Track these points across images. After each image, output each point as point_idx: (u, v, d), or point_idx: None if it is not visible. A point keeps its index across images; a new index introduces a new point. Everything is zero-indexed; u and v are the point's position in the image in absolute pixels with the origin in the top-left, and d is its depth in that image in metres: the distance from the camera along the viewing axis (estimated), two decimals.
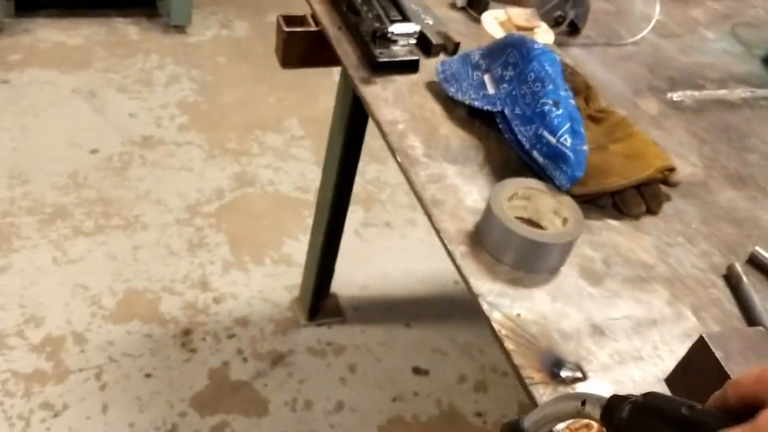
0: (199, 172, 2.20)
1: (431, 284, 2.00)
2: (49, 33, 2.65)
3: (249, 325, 1.77)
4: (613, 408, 0.48)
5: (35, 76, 2.43)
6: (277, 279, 1.91)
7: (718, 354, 0.58)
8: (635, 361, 0.72)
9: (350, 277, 1.94)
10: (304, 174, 2.27)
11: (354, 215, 2.12)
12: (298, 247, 1.98)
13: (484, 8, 1.22)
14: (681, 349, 0.70)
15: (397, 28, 1.06)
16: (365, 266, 2.00)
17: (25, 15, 2.68)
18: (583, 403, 0.51)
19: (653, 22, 1.30)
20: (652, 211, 0.88)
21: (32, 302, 1.71)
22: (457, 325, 1.89)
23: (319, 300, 1.82)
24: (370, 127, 1.23)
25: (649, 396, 0.47)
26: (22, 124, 2.23)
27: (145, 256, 1.88)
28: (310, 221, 1.74)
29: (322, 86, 2.66)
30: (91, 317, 1.70)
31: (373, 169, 2.31)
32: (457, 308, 1.94)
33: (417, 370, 1.76)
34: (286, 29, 1.23)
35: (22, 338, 1.63)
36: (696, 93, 1.15)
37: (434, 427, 1.66)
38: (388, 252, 2.07)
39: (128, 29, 2.78)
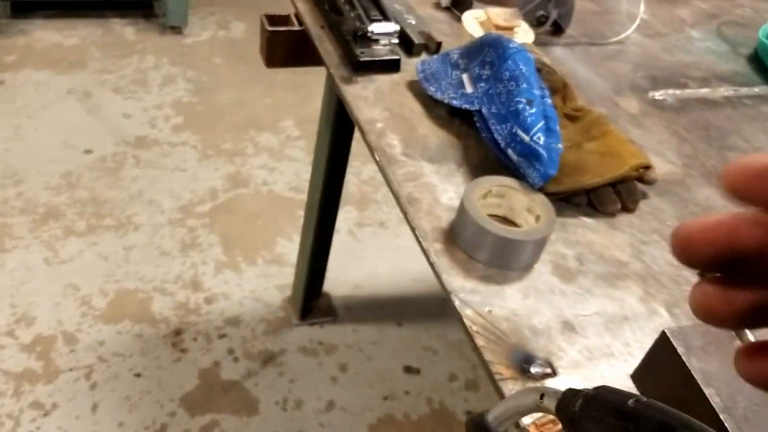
0: (193, 172, 2.21)
1: (424, 283, 2.00)
2: (45, 34, 2.66)
3: (240, 325, 1.78)
4: (567, 401, 0.49)
5: (30, 77, 2.44)
6: (269, 279, 1.92)
7: (680, 349, 0.58)
8: (606, 358, 0.72)
9: (343, 277, 1.94)
10: (299, 174, 2.27)
11: (348, 215, 2.13)
12: (292, 247, 1.99)
13: (467, 8, 1.23)
14: None
15: (377, 28, 1.07)
16: (358, 266, 2.01)
17: (22, 16, 2.69)
18: (542, 396, 0.52)
19: (638, 22, 1.30)
20: (627, 208, 0.89)
21: (23, 302, 1.72)
22: (448, 324, 1.89)
23: (310, 299, 1.83)
24: None
25: (600, 389, 0.48)
26: (17, 124, 2.24)
27: (137, 257, 1.89)
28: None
29: (319, 87, 2.65)
30: (82, 317, 1.71)
31: (369, 169, 2.31)
32: (449, 307, 1.94)
33: (408, 369, 1.77)
34: (269, 28, 1.23)
35: (12, 338, 1.64)
36: (678, 92, 1.15)
37: (425, 425, 1.66)
38: (382, 252, 2.07)
39: (124, 30, 2.79)
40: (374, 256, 2.05)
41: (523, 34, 1.11)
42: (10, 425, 1.47)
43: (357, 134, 1.54)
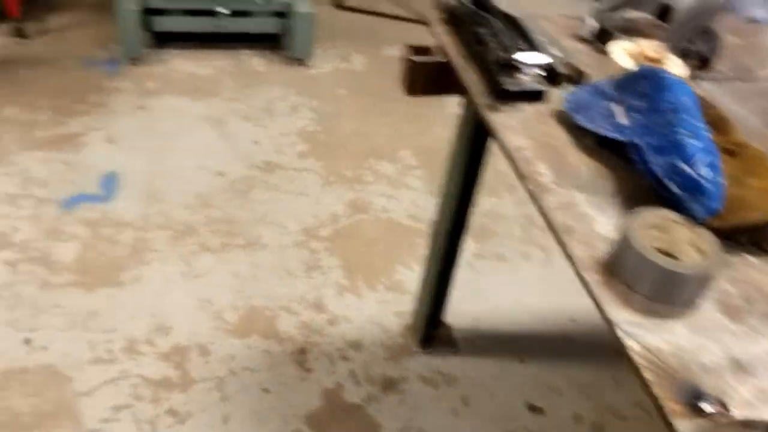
0: (316, 197, 2.28)
1: (545, 321, 1.97)
2: (183, 63, 2.84)
3: (362, 349, 1.80)
4: None
5: (169, 103, 2.61)
6: (388, 305, 1.94)
7: None
8: None
9: (462, 309, 1.94)
10: (417, 203, 2.30)
11: (467, 247, 2.13)
12: (410, 275, 2.01)
13: (610, 39, 1.22)
14: None
15: (525, 58, 1.08)
16: (477, 298, 2.00)
17: (162, 46, 2.89)
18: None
19: None
20: None
21: (161, 312, 1.81)
22: (572, 363, 1.85)
23: (431, 329, 1.83)
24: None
25: None
26: (157, 147, 2.39)
27: (265, 275, 1.96)
28: (422, 250, 1.76)
29: (436, 118, 2.70)
30: (215, 330, 1.79)
31: (487, 201, 2.30)
32: (573, 347, 1.90)
33: (532, 408, 1.73)
34: (413, 58, 1.27)
35: (151, 346, 1.73)
36: None
37: None
38: (501, 285, 2.06)
39: (253, 61, 2.94)
40: (494, 289, 2.04)
41: (675, 67, 1.09)
42: (148, 430, 1.54)
43: None
